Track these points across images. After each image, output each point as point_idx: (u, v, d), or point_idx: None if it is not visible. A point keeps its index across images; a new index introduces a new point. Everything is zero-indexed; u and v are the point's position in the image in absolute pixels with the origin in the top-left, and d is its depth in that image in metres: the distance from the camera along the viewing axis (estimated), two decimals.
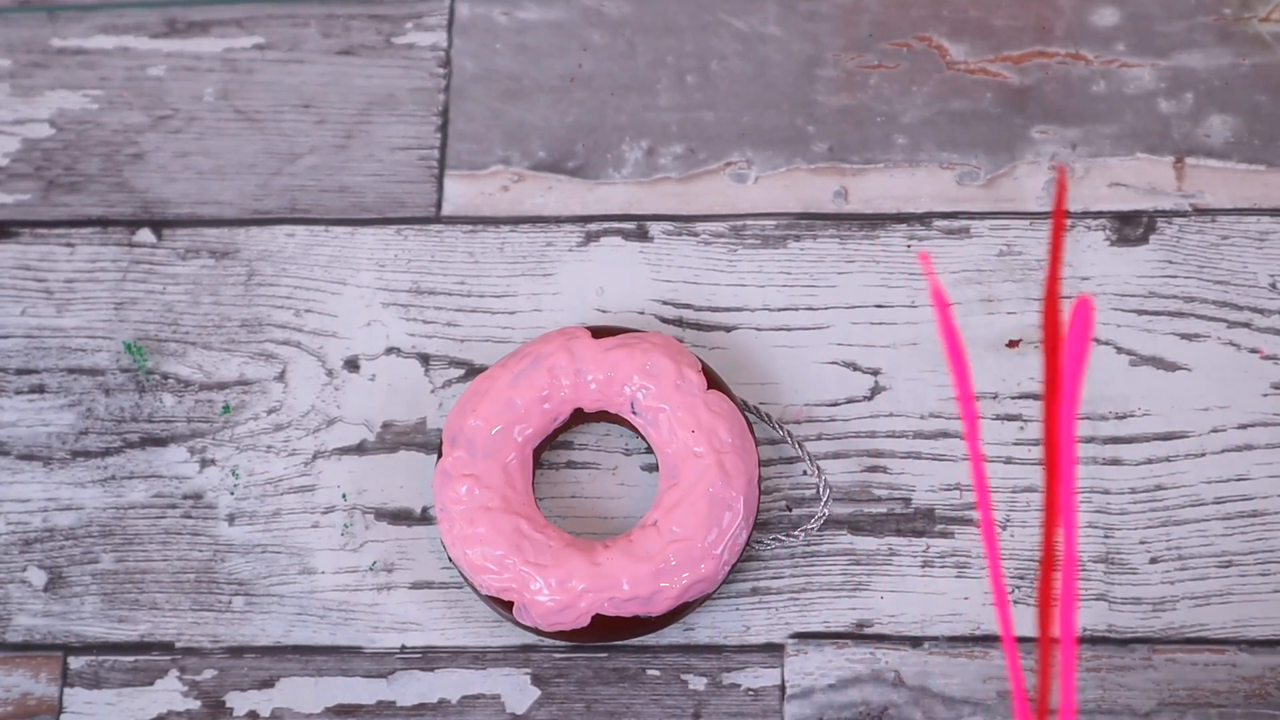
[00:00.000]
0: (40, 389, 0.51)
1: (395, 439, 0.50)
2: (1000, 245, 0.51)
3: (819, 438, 0.49)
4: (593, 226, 0.52)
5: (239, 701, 0.48)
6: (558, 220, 0.52)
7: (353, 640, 0.48)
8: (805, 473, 0.49)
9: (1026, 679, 0.47)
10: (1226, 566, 0.48)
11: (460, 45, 0.54)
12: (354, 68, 0.54)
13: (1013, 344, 0.50)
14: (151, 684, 0.48)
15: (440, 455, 0.48)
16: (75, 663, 0.49)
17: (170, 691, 0.48)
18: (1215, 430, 0.49)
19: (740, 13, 0.53)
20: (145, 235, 0.52)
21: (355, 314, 0.51)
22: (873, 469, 0.49)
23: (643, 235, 0.51)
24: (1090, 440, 0.49)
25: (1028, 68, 0.52)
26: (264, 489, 0.50)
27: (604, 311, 0.51)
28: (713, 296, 0.51)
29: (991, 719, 0.47)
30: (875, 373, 0.50)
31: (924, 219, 0.51)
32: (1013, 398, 0.49)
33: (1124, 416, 0.49)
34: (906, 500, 0.49)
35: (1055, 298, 0.30)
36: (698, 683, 0.48)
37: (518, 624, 0.47)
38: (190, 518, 0.50)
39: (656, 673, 0.48)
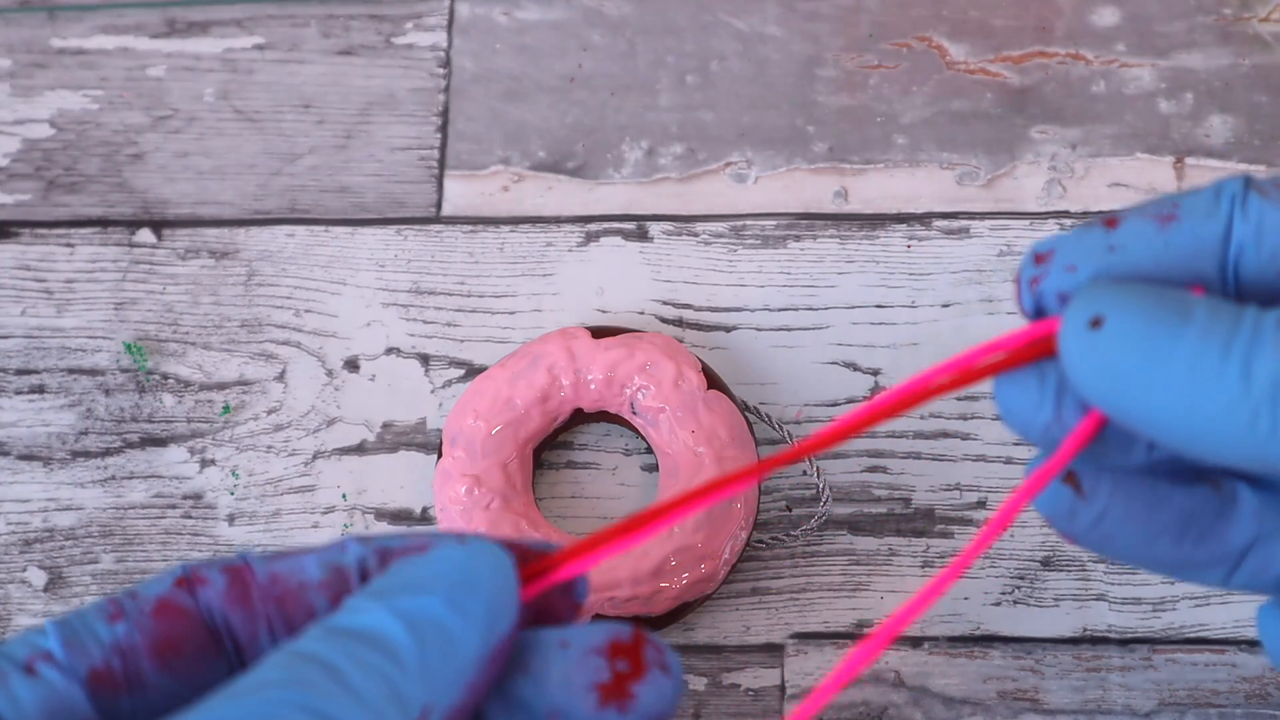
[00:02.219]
0: (40, 389, 0.51)
1: (395, 439, 0.50)
2: (1000, 245, 0.51)
3: None
4: (593, 226, 0.52)
5: None
6: (558, 220, 0.52)
7: None
8: (805, 473, 0.49)
9: (1020, 678, 0.47)
10: None
11: (460, 45, 0.54)
12: (354, 68, 0.54)
13: None
14: None
15: (440, 455, 0.48)
16: None
17: None
18: None
19: (740, 13, 0.53)
20: (145, 235, 0.52)
21: (355, 314, 0.51)
22: (873, 469, 0.49)
23: (643, 235, 0.51)
24: None
25: (1028, 68, 0.52)
26: (264, 489, 0.50)
27: (604, 311, 0.51)
28: (713, 296, 0.51)
29: (991, 719, 0.47)
30: (875, 373, 0.50)
31: (924, 219, 0.51)
32: None
33: None
34: (906, 500, 0.49)
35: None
36: (698, 683, 0.48)
37: None
38: (190, 518, 0.50)
39: None
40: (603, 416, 0.49)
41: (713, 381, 0.48)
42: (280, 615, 0.28)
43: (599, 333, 0.48)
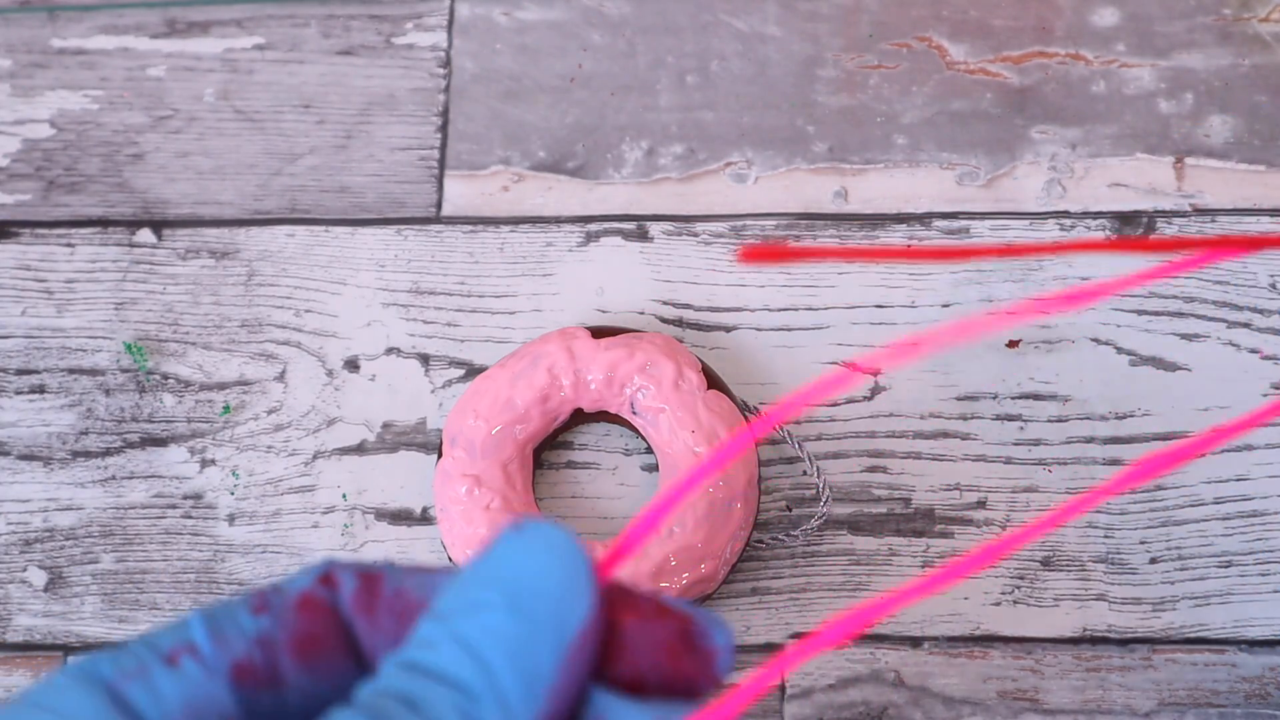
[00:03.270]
0: (40, 389, 0.51)
1: (395, 439, 0.50)
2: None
3: (819, 438, 0.49)
4: (593, 226, 0.52)
5: None
6: (558, 220, 0.52)
7: None
8: (805, 473, 0.49)
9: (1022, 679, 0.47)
10: (1226, 566, 0.48)
11: (460, 45, 0.54)
12: (354, 68, 0.54)
13: (1013, 344, 0.50)
14: None
15: (440, 455, 0.48)
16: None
17: None
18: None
19: (740, 13, 0.53)
20: (145, 235, 0.52)
21: (355, 314, 0.51)
22: (873, 469, 0.49)
23: (643, 235, 0.51)
24: (1090, 440, 0.49)
25: (1028, 68, 0.52)
26: (264, 489, 0.50)
27: (604, 311, 0.51)
28: (713, 296, 0.51)
29: (991, 719, 0.47)
30: (875, 373, 0.50)
31: (924, 219, 0.51)
32: (1013, 398, 0.49)
33: (1124, 416, 0.49)
34: (906, 500, 0.49)
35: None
36: None
37: None
38: (190, 518, 0.50)
39: None
40: (603, 416, 0.49)
41: (713, 381, 0.48)
42: (395, 631, 0.27)
43: (599, 333, 0.48)
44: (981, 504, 0.49)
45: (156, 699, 0.25)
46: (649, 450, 0.50)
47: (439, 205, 0.52)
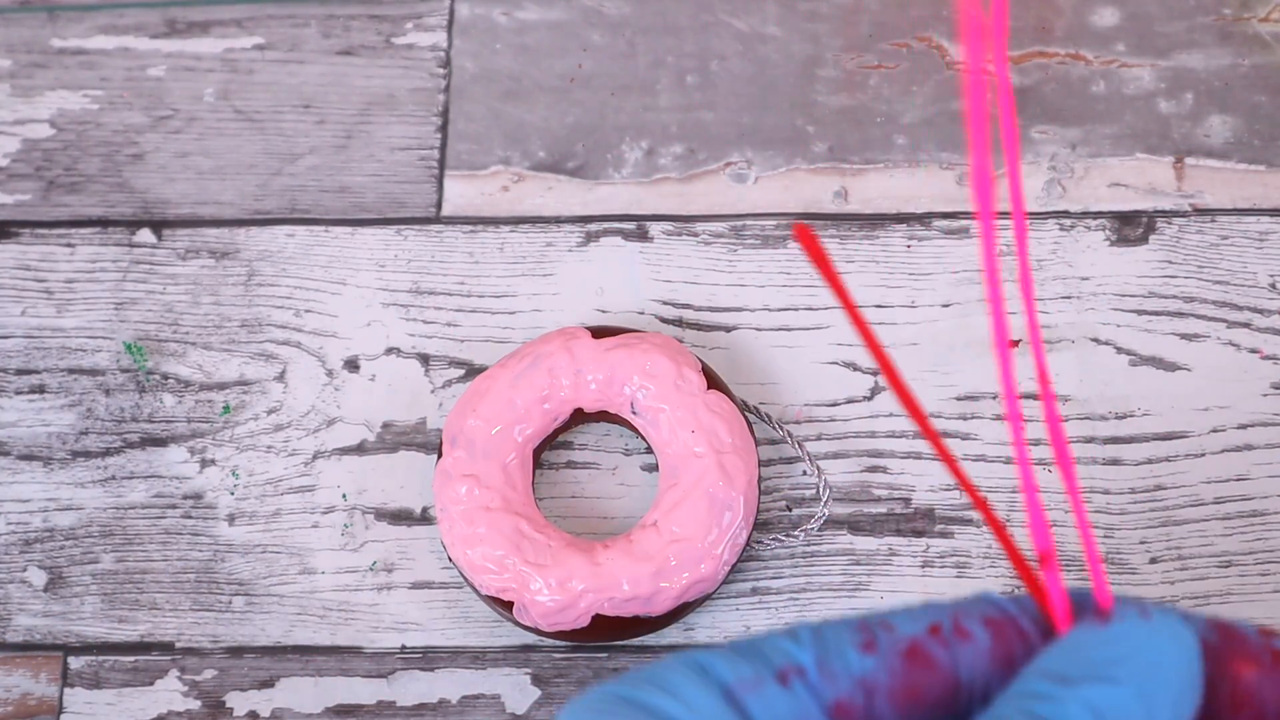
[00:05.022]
0: (40, 389, 0.51)
1: (395, 439, 0.50)
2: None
3: (819, 438, 0.49)
4: (593, 226, 0.52)
5: (239, 701, 0.48)
6: (558, 220, 0.52)
7: (353, 640, 0.48)
8: (805, 473, 0.49)
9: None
10: (1226, 566, 0.48)
11: (460, 45, 0.54)
12: (354, 68, 0.54)
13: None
14: (151, 684, 0.48)
15: (440, 455, 0.48)
16: (75, 663, 0.49)
17: (170, 691, 0.48)
18: (1215, 430, 0.49)
19: (740, 13, 0.53)
20: (145, 235, 0.52)
21: (355, 314, 0.51)
22: (873, 469, 0.49)
23: (643, 235, 0.51)
24: (1090, 440, 0.49)
25: (1028, 68, 0.52)
26: (264, 489, 0.50)
27: (604, 311, 0.51)
28: (713, 296, 0.51)
29: None
30: (875, 373, 0.50)
31: (924, 219, 0.51)
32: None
33: (1124, 416, 0.49)
34: (906, 500, 0.49)
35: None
36: None
37: (518, 624, 0.47)
38: (190, 518, 0.50)
39: None
40: (603, 416, 0.49)
41: (713, 381, 0.48)
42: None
43: (599, 333, 0.48)
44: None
45: (770, 715, 0.25)
46: (649, 450, 0.50)
47: (439, 205, 0.52)
